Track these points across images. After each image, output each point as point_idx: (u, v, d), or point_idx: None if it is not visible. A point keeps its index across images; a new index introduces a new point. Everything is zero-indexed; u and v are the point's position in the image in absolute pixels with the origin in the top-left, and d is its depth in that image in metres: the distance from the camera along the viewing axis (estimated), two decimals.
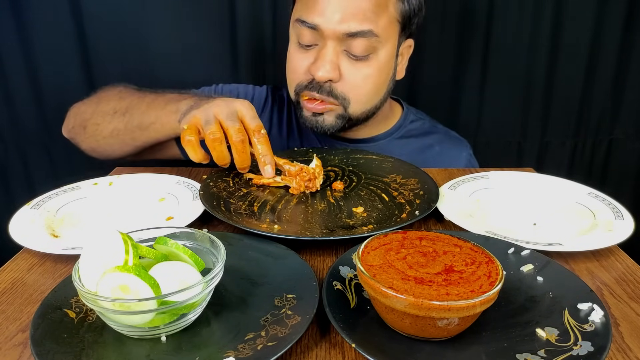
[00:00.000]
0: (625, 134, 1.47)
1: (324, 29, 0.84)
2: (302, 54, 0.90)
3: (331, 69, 0.85)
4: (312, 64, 0.87)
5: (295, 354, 0.47)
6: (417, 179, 0.81)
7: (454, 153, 1.04)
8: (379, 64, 0.88)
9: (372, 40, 0.85)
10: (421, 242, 0.51)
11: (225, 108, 0.74)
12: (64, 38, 1.26)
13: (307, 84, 0.89)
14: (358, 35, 0.84)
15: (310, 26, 0.85)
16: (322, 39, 0.86)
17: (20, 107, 1.33)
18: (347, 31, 0.83)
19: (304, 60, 0.89)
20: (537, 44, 1.34)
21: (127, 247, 0.47)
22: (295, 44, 0.91)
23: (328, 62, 0.85)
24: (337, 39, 0.85)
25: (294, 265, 0.57)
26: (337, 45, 0.86)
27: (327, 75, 0.86)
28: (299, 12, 0.87)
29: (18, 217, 0.70)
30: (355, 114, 0.91)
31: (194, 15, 1.27)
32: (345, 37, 0.84)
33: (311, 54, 0.88)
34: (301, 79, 0.90)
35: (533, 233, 0.69)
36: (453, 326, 0.44)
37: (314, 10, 0.84)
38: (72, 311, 0.49)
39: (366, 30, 0.84)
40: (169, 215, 0.72)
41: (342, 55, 0.87)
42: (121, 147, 0.92)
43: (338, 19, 0.83)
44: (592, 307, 0.49)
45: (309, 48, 0.89)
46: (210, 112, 0.74)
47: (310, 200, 0.76)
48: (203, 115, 0.74)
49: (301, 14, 0.87)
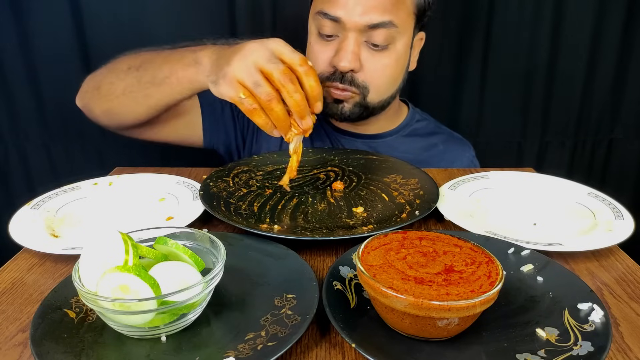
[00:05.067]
0: (625, 134, 1.47)
1: (346, 21, 0.86)
2: (323, 46, 0.91)
3: (353, 60, 0.88)
4: (335, 55, 0.89)
5: (295, 354, 0.47)
6: (417, 179, 0.81)
7: (457, 152, 1.06)
8: (396, 54, 0.91)
9: (392, 31, 0.87)
10: (421, 242, 0.51)
11: (262, 51, 0.68)
12: (64, 38, 1.26)
13: (329, 75, 0.91)
14: (379, 26, 0.86)
15: (333, 18, 0.87)
16: (344, 30, 0.88)
17: (20, 107, 1.33)
18: (368, 23, 0.86)
19: (325, 52, 0.91)
20: (537, 44, 1.34)
21: (127, 247, 0.47)
22: (315, 35, 0.93)
23: (350, 53, 0.87)
24: (358, 30, 0.87)
25: (294, 265, 0.57)
26: (358, 37, 0.88)
27: (350, 65, 0.88)
28: (321, 5, 0.89)
29: (18, 217, 0.70)
30: (373, 102, 0.94)
31: (194, 15, 1.27)
32: (367, 28, 0.86)
33: (332, 45, 0.90)
34: (322, 70, 0.92)
35: (533, 233, 0.69)
36: (453, 326, 0.44)
37: (336, 3, 0.86)
38: (72, 311, 0.49)
39: (387, 21, 0.86)
40: (169, 215, 0.72)
41: (362, 46, 0.89)
42: (135, 107, 0.88)
43: (360, 11, 0.85)
44: (592, 307, 0.49)
45: (329, 39, 0.90)
46: (248, 63, 0.68)
47: (310, 200, 0.76)
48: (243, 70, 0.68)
49: (323, 6, 0.88)
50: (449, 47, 1.35)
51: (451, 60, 1.36)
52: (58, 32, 1.26)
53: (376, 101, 0.94)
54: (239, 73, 0.68)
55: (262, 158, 0.91)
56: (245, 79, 0.68)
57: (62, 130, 1.36)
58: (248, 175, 0.84)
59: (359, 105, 0.93)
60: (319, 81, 0.70)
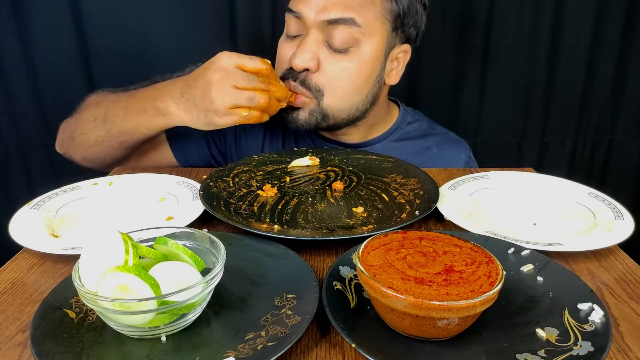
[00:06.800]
0: (625, 134, 1.47)
1: (306, 17, 0.85)
2: (287, 45, 0.91)
3: (309, 58, 0.85)
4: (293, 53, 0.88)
5: (295, 354, 0.47)
6: (417, 179, 0.81)
7: (452, 155, 1.02)
8: (360, 59, 0.87)
9: (354, 31, 0.84)
10: (421, 242, 0.51)
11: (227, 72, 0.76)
12: (64, 38, 1.26)
13: (285, 73, 0.89)
14: (339, 22, 0.84)
15: (295, 15, 0.87)
16: (305, 28, 0.87)
17: (20, 107, 1.33)
18: (327, 18, 0.84)
19: (289, 50, 0.89)
20: (537, 44, 1.34)
21: (127, 247, 0.47)
22: (284, 35, 0.92)
23: (307, 51, 0.85)
24: (318, 27, 0.85)
25: (294, 265, 0.57)
26: (319, 35, 0.86)
27: (304, 64, 0.85)
28: (290, 3, 0.90)
29: (18, 217, 0.70)
30: (330, 110, 0.89)
31: (194, 15, 1.27)
32: (326, 25, 0.84)
33: (295, 44, 0.89)
34: (282, 69, 0.90)
35: (533, 233, 0.69)
36: (453, 326, 0.44)
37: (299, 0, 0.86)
38: (72, 311, 0.49)
39: (347, 18, 0.84)
40: (169, 215, 0.72)
41: (322, 46, 0.86)
42: (110, 152, 0.92)
43: (320, 6, 0.84)
44: (592, 307, 0.49)
45: (295, 38, 0.90)
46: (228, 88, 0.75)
47: (310, 200, 0.76)
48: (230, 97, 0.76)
49: (290, 4, 0.89)
50: (449, 48, 1.35)
51: (451, 61, 1.36)
52: (58, 33, 1.26)
53: (335, 109, 0.89)
54: (228, 101, 0.73)
55: (262, 158, 0.91)
56: (238, 102, 0.74)
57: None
58: (248, 175, 0.84)
59: (315, 113, 0.89)
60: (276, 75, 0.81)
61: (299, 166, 0.89)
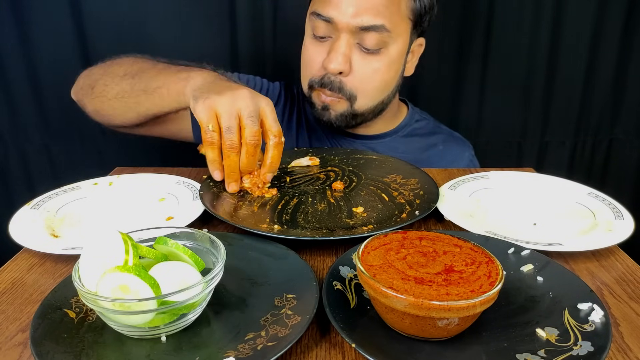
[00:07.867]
0: (625, 134, 1.47)
1: (337, 22, 0.86)
2: (316, 47, 0.92)
3: (343, 62, 0.88)
4: (326, 57, 0.89)
5: (295, 354, 0.47)
6: (417, 179, 0.81)
7: (456, 152, 1.06)
8: (389, 58, 0.90)
9: (384, 35, 0.87)
10: (421, 242, 0.51)
11: (251, 104, 0.71)
12: (64, 38, 1.26)
13: (319, 79, 0.91)
14: (371, 29, 0.86)
15: (325, 19, 0.87)
16: (336, 31, 0.88)
17: (20, 107, 1.33)
18: (360, 25, 0.86)
19: (318, 54, 0.91)
20: (537, 44, 1.35)
21: (127, 247, 0.47)
22: (310, 36, 0.93)
23: (340, 55, 0.87)
24: (350, 32, 0.87)
25: (294, 265, 0.57)
26: (350, 38, 0.88)
27: (339, 67, 0.88)
28: (315, 6, 0.90)
29: (18, 217, 0.70)
30: (361, 109, 0.93)
31: (194, 14, 1.27)
32: (358, 30, 0.86)
33: (325, 46, 0.90)
34: (315, 74, 0.92)
35: (533, 233, 0.69)
36: (453, 326, 0.44)
37: (329, 4, 0.87)
38: (72, 311, 0.49)
39: (379, 24, 0.86)
40: (169, 215, 0.72)
41: (354, 48, 0.89)
42: (125, 111, 0.90)
43: (352, 12, 0.85)
44: (592, 307, 0.49)
45: (323, 40, 0.91)
46: (234, 106, 0.70)
47: (310, 200, 0.76)
48: (226, 109, 0.70)
49: (317, 7, 0.89)
50: (449, 47, 1.35)
51: (451, 60, 1.36)
52: (58, 32, 1.26)
53: (364, 108, 0.93)
54: (221, 108, 0.71)
55: None
56: (223, 118, 0.70)
57: (62, 130, 1.36)
58: None
59: (347, 112, 0.93)
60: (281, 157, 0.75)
61: (299, 166, 0.89)
